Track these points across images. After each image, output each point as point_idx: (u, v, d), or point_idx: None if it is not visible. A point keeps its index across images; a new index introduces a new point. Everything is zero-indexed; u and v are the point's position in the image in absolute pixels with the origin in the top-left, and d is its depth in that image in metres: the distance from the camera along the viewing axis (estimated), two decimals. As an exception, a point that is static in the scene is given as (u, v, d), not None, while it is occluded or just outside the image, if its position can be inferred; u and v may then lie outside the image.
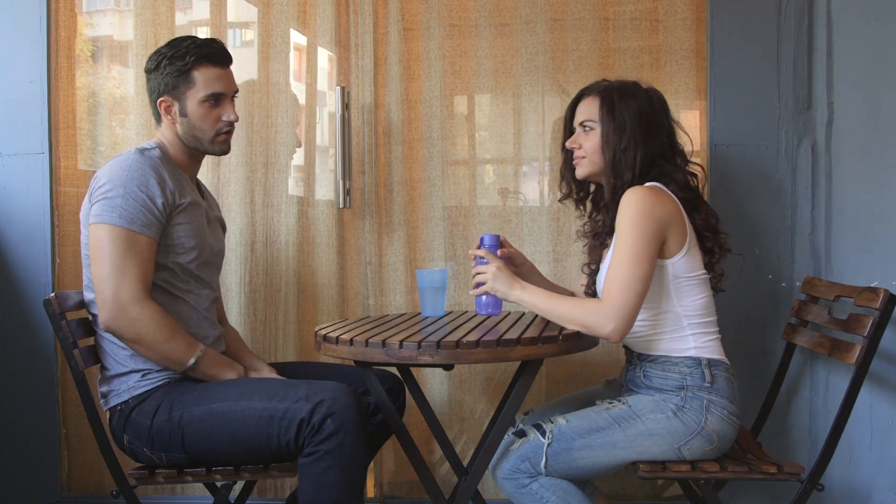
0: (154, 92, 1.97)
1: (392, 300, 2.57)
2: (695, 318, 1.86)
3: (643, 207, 1.78)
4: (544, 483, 1.84)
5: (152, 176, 1.85)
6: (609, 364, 2.52)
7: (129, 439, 1.84)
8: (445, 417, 2.55)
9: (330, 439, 1.70)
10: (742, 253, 2.32)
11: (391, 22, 2.54)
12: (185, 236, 1.90)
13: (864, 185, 2.36)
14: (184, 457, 1.82)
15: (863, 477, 2.38)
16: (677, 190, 1.88)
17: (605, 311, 1.75)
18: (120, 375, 1.87)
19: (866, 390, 2.34)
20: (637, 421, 1.82)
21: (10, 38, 2.54)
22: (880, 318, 1.83)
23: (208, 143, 1.98)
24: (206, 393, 1.83)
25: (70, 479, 2.61)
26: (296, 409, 1.73)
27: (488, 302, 1.98)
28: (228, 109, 1.98)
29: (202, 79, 1.93)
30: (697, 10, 2.47)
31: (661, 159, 1.90)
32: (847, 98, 2.37)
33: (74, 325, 1.88)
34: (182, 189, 1.92)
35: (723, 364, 1.87)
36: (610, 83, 1.95)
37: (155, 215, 1.84)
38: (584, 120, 1.94)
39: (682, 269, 1.84)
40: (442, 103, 2.54)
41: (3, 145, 2.54)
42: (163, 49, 1.96)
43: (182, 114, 1.95)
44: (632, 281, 1.75)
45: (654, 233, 1.78)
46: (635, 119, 1.87)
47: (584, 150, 1.94)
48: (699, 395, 1.82)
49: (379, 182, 2.57)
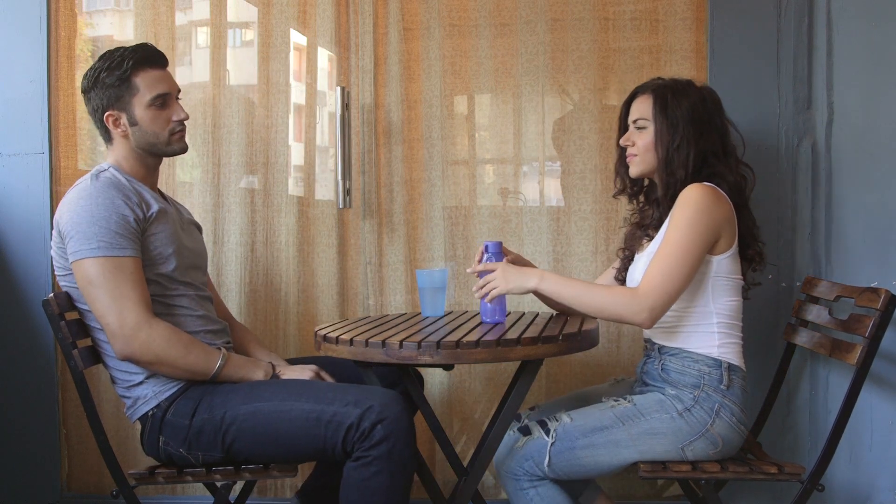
0: (98, 110, 1.94)
1: (392, 300, 2.57)
2: (724, 318, 1.88)
3: (702, 205, 1.80)
4: (542, 493, 1.84)
5: (116, 195, 1.83)
6: (609, 364, 2.52)
7: (165, 440, 1.83)
8: (445, 417, 2.55)
9: (380, 445, 1.70)
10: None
11: (391, 22, 2.54)
12: (162, 245, 1.89)
13: (864, 185, 2.36)
14: (220, 456, 1.82)
15: (863, 477, 2.38)
16: (729, 192, 1.88)
17: (641, 299, 1.78)
18: (138, 384, 1.87)
19: (867, 391, 2.34)
20: (641, 419, 1.82)
21: (10, 38, 2.54)
22: (881, 318, 1.83)
23: (164, 144, 1.96)
24: (252, 392, 1.83)
25: (70, 479, 2.61)
26: (344, 413, 1.72)
27: (494, 309, 1.98)
28: (177, 109, 1.97)
29: (144, 83, 1.92)
30: (697, 10, 2.47)
31: (714, 158, 1.90)
32: (847, 98, 2.37)
33: (73, 325, 1.88)
34: (147, 201, 1.90)
35: (741, 371, 1.88)
36: (664, 81, 1.96)
37: (131, 233, 1.82)
38: (638, 118, 1.95)
39: (725, 269, 1.86)
40: (442, 103, 2.54)
41: (3, 145, 2.54)
42: (95, 64, 1.94)
43: (132, 123, 1.93)
44: (676, 275, 1.78)
45: (708, 232, 1.80)
46: (688, 117, 1.88)
47: (637, 148, 1.95)
48: (713, 396, 1.83)
49: (379, 182, 2.57)
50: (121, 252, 1.79)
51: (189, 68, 2.60)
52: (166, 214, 1.94)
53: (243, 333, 2.17)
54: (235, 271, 2.55)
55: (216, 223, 2.57)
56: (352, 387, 1.82)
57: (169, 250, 1.90)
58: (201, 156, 2.56)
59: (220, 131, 2.57)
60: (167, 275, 1.90)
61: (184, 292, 1.94)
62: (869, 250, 2.36)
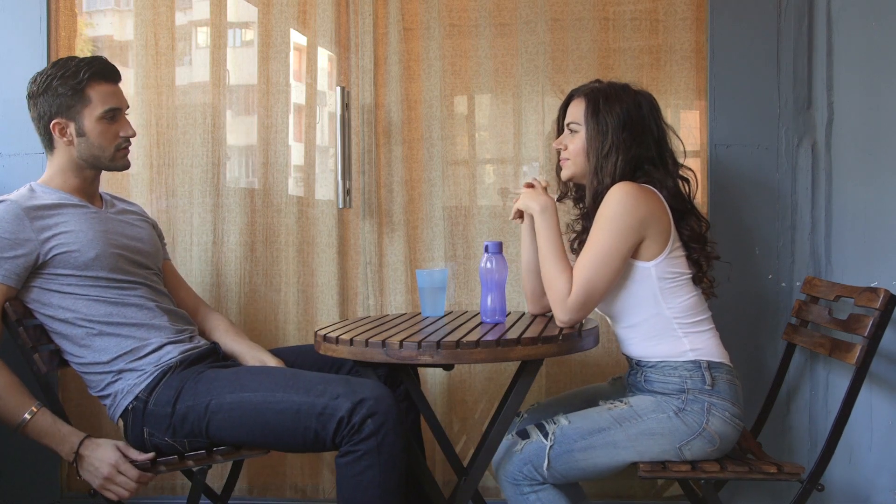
0: (45, 116, 1.93)
1: (392, 300, 2.57)
2: (684, 319, 1.86)
3: (625, 203, 1.78)
4: (543, 498, 1.84)
5: (7, 220, 1.83)
6: (609, 364, 2.52)
7: (150, 431, 1.84)
8: (445, 417, 2.55)
9: (369, 439, 1.69)
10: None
11: (391, 22, 2.54)
12: (70, 242, 1.88)
13: (864, 185, 2.37)
14: (206, 443, 1.83)
15: (863, 477, 2.38)
16: (668, 197, 1.87)
17: (568, 303, 1.80)
18: (112, 383, 1.89)
19: (866, 390, 2.34)
20: (638, 420, 1.82)
21: (10, 38, 2.54)
22: (880, 318, 1.83)
23: (108, 160, 1.97)
24: (238, 381, 1.83)
25: (70, 479, 2.61)
26: (335, 405, 1.72)
27: (494, 309, 1.98)
28: (125, 125, 1.99)
29: (98, 96, 1.93)
30: (697, 10, 2.47)
31: (650, 165, 1.89)
32: (847, 98, 2.37)
33: (31, 330, 1.88)
34: (49, 213, 1.89)
35: (724, 366, 1.86)
36: (599, 85, 1.95)
37: (5, 259, 1.81)
38: (571, 121, 1.95)
39: (666, 272, 1.84)
40: (442, 103, 2.54)
41: (3, 145, 2.55)
42: (48, 70, 1.94)
43: (80, 133, 1.93)
44: (598, 277, 1.79)
45: (631, 231, 1.79)
46: (618, 123, 1.87)
47: (569, 152, 1.95)
48: (700, 397, 1.82)
49: (379, 182, 2.57)
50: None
51: (189, 68, 2.60)
52: (83, 216, 1.93)
53: (215, 323, 2.16)
54: (235, 271, 2.55)
55: (216, 223, 2.57)
56: (341, 378, 1.81)
57: (76, 246, 1.88)
58: (201, 156, 2.56)
59: (219, 131, 2.57)
60: (88, 273, 1.89)
61: (127, 288, 1.93)
62: (869, 250, 2.36)
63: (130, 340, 1.90)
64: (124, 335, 1.90)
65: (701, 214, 1.94)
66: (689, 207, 1.93)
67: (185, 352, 1.93)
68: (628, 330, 1.91)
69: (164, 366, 1.89)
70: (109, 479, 1.79)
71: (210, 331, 2.15)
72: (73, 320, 1.89)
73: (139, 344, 1.90)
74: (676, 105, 2.49)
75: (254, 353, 2.07)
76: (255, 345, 2.11)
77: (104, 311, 1.90)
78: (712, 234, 1.99)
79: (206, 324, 2.16)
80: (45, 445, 1.83)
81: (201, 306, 2.22)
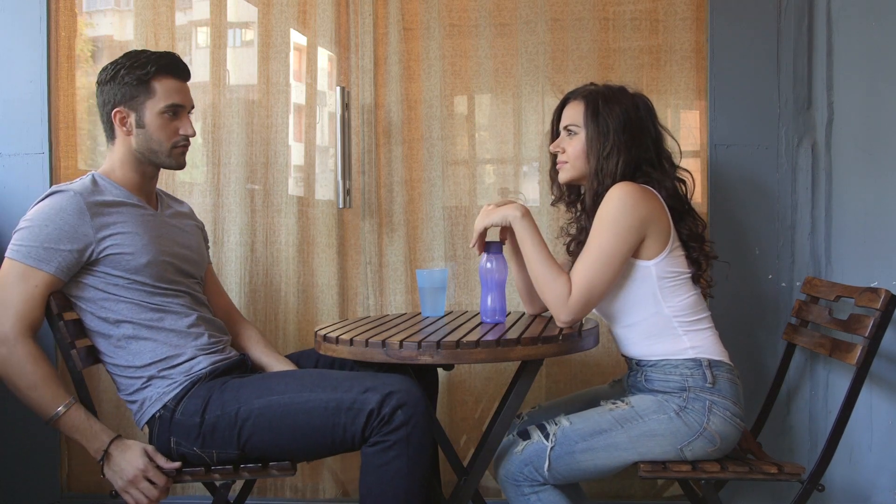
0: (108, 103, 1.92)
1: (392, 300, 2.57)
2: (684, 317, 1.86)
3: (626, 202, 1.78)
4: (543, 499, 1.84)
5: (69, 212, 1.81)
6: (609, 364, 2.52)
7: (177, 441, 1.82)
8: (445, 417, 2.55)
9: (399, 430, 1.70)
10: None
11: (391, 22, 2.54)
12: (125, 244, 1.86)
13: (864, 185, 2.37)
14: (236, 453, 1.81)
15: (863, 477, 2.38)
16: (667, 198, 1.87)
17: (569, 303, 1.79)
18: (142, 388, 1.87)
19: (867, 391, 2.34)
20: (640, 421, 1.82)
21: (10, 38, 2.54)
22: (881, 318, 1.83)
23: (165, 155, 1.95)
24: (264, 385, 1.82)
25: (70, 479, 2.61)
26: (364, 399, 1.72)
27: (494, 309, 1.98)
28: (186, 123, 1.97)
29: (162, 89, 1.91)
30: (697, 10, 2.47)
31: (648, 166, 1.90)
32: (847, 98, 2.37)
33: (72, 325, 1.88)
34: (109, 211, 1.87)
35: (724, 365, 1.86)
36: (596, 87, 1.95)
37: (59, 251, 1.79)
38: (569, 124, 1.94)
39: (666, 270, 1.84)
40: (442, 103, 2.54)
41: (3, 145, 2.54)
42: (120, 60, 1.93)
43: (139, 125, 1.92)
44: (598, 277, 1.79)
45: (632, 231, 1.79)
46: (619, 125, 1.87)
47: (567, 155, 1.95)
48: (701, 396, 1.82)
49: (379, 182, 2.57)
50: (36, 264, 1.79)
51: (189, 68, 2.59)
52: (139, 217, 1.91)
53: (248, 334, 2.15)
54: (235, 271, 2.55)
55: (216, 223, 2.57)
56: (367, 374, 1.81)
57: (131, 249, 1.86)
58: (201, 156, 2.56)
59: (219, 131, 2.57)
60: (138, 278, 1.87)
61: (171, 297, 1.92)
62: (869, 250, 2.36)
63: (166, 347, 1.88)
64: (161, 341, 1.88)
65: (698, 215, 1.95)
66: (687, 208, 1.93)
67: (215, 363, 1.92)
68: (627, 329, 1.91)
69: (195, 376, 1.87)
70: (133, 483, 1.78)
71: (243, 342, 2.13)
72: (113, 320, 1.87)
73: (174, 352, 1.88)
74: (676, 105, 2.49)
75: (282, 367, 2.05)
76: (283, 358, 2.09)
77: (145, 316, 1.88)
78: (712, 234, 1.99)
79: (239, 334, 2.14)
80: (75, 441, 1.82)
81: (235, 314, 2.20)
